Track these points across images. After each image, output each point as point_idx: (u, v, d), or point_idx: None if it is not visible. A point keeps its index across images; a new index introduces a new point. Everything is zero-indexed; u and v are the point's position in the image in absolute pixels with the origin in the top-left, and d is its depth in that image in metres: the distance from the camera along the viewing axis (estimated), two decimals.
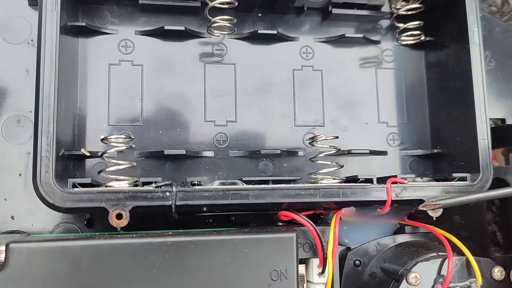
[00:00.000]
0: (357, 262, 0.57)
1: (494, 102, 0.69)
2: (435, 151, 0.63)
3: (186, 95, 0.60)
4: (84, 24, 0.56)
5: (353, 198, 0.51)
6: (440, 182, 0.55)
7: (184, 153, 0.56)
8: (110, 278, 0.43)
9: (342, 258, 0.58)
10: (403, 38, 0.64)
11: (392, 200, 0.52)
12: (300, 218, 0.49)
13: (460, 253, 0.52)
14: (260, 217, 0.57)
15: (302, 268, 0.51)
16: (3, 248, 0.43)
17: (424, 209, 0.52)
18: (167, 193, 0.48)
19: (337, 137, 0.56)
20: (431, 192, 0.53)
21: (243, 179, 0.56)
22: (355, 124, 0.64)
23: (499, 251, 0.69)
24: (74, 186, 0.47)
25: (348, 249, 0.58)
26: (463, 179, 0.56)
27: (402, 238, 0.59)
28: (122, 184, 0.49)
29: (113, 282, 0.43)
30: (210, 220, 0.57)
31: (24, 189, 0.55)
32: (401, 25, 0.63)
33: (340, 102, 0.64)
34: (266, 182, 0.56)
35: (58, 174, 0.48)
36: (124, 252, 0.44)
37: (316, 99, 0.63)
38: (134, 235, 0.46)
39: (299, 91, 0.63)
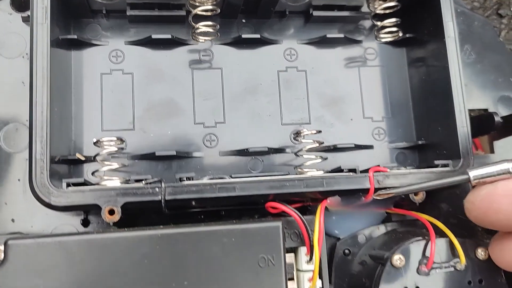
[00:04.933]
0: (346, 251, 0.59)
1: (476, 94, 0.70)
2: (420, 142, 0.65)
3: (176, 100, 0.62)
4: (75, 37, 0.59)
5: (336, 187, 0.53)
6: (422, 169, 0.56)
7: (175, 154, 0.58)
8: (104, 269, 0.45)
9: (332, 248, 0.59)
10: (382, 35, 0.66)
11: (375, 188, 0.54)
12: (285, 207, 0.51)
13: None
14: (251, 212, 0.59)
15: (291, 256, 0.52)
16: (2, 247, 0.45)
17: (378, 198, 0.53)
18: (157, 189, 0.50)
19: (320, 131, 0.58)
20: (413, 179, 0.55)
21: (233, 176, 0.58)
22: (340, 120, 0.66)
23: (489, 238, 0.70)
24: (68, 185, 0.50)
25: (338, 239, 0.60)
26: (445, 166, 0.58)
27: (390, 227, 0.60)
28: (114, 183, 0.51)
29: (107, 273, 0.45)
30: (202, 216, 0.59)
31: (23, 193, 0.58)
32: (380, 23, 0.65)
33: (325, 100, 0.66)
34: None
35: (55, 176, 0.51)
36: (116, 245, 0.46)
37: (301, 98, 0.65)
38: (126, 229, 0.48)
39: (284, 91, 0.65)
